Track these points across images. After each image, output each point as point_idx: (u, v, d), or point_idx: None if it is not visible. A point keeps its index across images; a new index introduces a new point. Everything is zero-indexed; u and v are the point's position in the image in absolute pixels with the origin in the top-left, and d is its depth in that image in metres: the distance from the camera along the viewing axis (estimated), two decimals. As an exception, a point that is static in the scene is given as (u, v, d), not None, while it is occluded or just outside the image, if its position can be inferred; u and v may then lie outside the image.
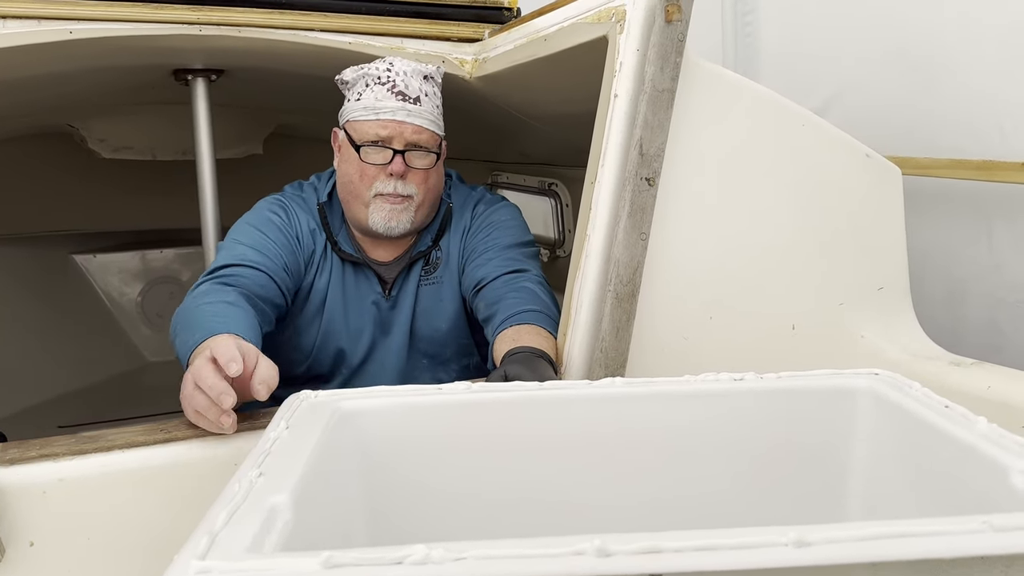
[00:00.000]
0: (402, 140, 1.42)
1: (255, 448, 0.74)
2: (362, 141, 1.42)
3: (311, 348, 1.53)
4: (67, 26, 1.50)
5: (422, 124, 1.43)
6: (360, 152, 1.42)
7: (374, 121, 1.41)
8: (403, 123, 1.41)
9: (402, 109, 1.41)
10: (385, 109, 1.41)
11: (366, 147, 1.42)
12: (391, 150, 1.41)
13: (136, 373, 2.98)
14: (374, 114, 1.41)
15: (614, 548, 0.52)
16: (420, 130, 1.43)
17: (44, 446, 0.93)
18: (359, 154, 1.42)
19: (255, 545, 0.56)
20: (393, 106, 1.41)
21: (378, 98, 1.42)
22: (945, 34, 1.84)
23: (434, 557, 0.51)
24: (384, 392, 0.89)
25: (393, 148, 1.42)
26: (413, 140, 1.42)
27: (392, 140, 1.42)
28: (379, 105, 1.41)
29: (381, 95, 1.42)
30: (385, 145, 1.42)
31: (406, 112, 1.41)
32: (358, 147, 1.42)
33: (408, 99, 1.42)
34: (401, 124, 1.41)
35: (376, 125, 1.41)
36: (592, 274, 1.17)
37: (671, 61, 1.17)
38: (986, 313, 1.81)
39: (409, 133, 1.42)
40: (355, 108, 1.44)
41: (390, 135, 1.41)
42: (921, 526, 0.53)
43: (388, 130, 1.41)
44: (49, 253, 2.95)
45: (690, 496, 0.89)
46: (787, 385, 0.89)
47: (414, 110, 1.42)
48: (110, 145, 2.60)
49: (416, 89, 1.43)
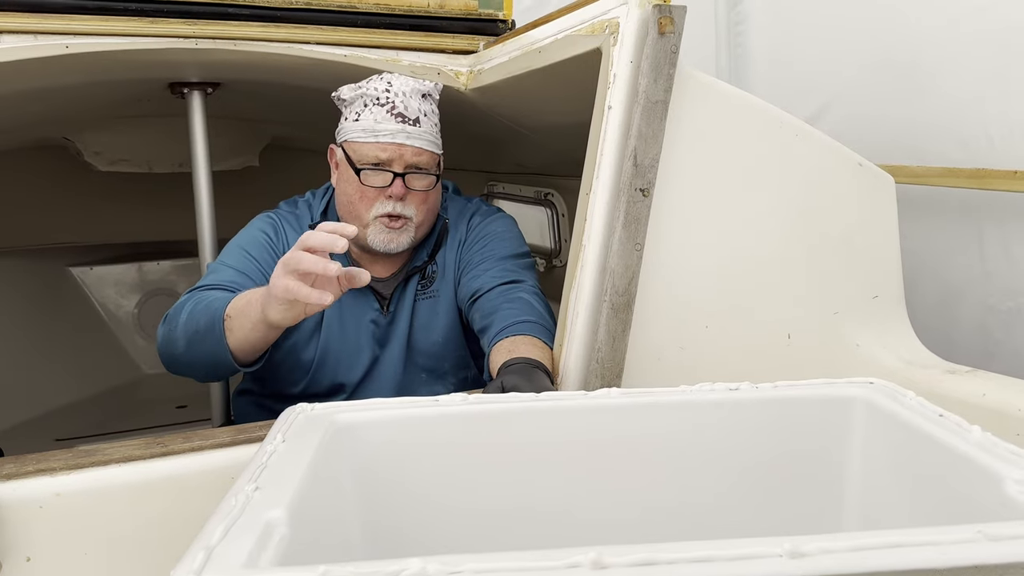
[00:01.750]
0: (402, 163, 1.41)
1: (251, 462, 0.74)
2: (362, 164, 1.42)
3: (309, 366, 1.53)
4: (63, 40, 1.51)
5: (422, 146, 1.42)
6: (360, 175, 1.42)
7: (374, 143, 1.41)
8: (403, 146, 1.41)
9: (402, 132, 1.41)
10: (385, 132, 1.40)
11: (366, 170, 1.42)
12: (391, 173, 1.41)
13: (133, 385, 2.98)
14: (373, 136, 1.41)
15: (610, 560, 0.52)
16: (420, 152, 1.42)
17: (41, 461, 0.93)
18: (359, 177, 1.42)
19: (251, 560, 0.56)
20: (393, 128, 1.40)
21: (377, 120, 1.41)
22: (934, 44, 1.85)
23: (430, 571, 0.51)
24: (380, 404, 0.89)
25: (393, 171, 1.41)
26: (413, 162, 1.42)
27: (392, 163, 1.41)
28: (379, 127, 1.41)
29: (380, 117, 1.41)
30: (385, 168, 1.41)
31: (406, 135, 1.41)
32: (358, 170, 1.42)
33: (408, 120, 1.41)
34: (401, 147, 1.41)
35: (376, 148, 1.41)
36: (588, 284, 1.17)
37: (664, 72, 1.18)
38: (978, 320, 1.82)
39: (409, 155, 1.42)
40: (354, 129, 1.43)
41: (390, 158, 1.41)
42: (916, 536, 0.54)
43: (388, 153, 1.41)
44: (45, 265, 2.95)
45: (686, 506, 0.89)
46: (783, 395, 0.90)
47: (414, 132, 1.42)
48: (106, 158, 2.60)
49: (415, 109, 1.43)
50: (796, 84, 2.26)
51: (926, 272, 1.89)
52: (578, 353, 1.17)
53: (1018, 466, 0.67)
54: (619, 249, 1.17)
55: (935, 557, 0.52)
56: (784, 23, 2.35)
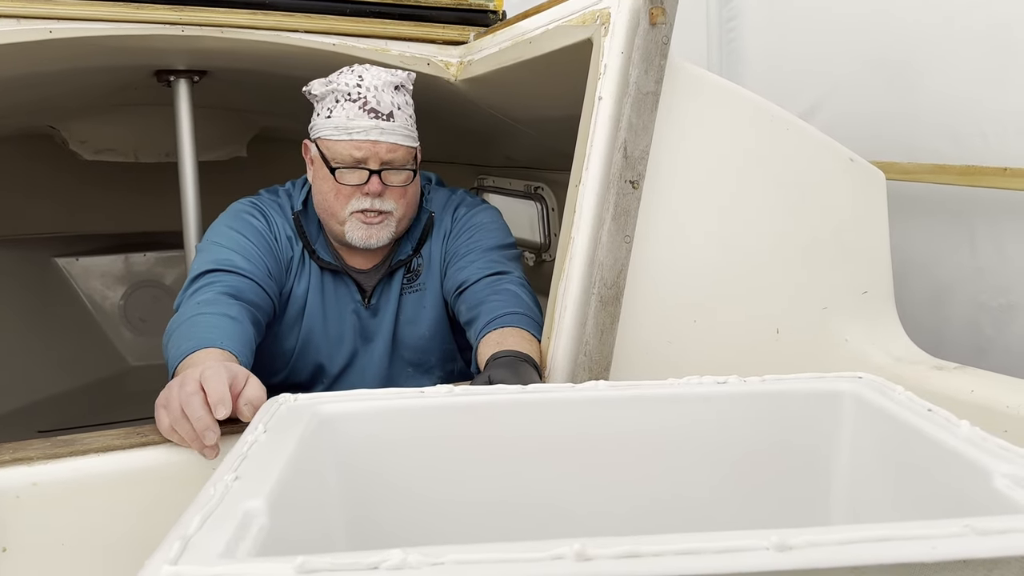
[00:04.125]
0: (377, 160, 1.39)
1: (231, 452, 0.73)
2: (336, 162, 1.39)
3: (290, 356, 1.52)
4: (47, 25, 1.49)
5: (397, 141, 1.39)
6: (335, 174, 1.39)
7: (348, 142, 1.38)
8: (377, 142, 1.38)
9: (375, 128, 1.37)
10: (358, 129, 1.37)
11: (341, 169, 1.39)
12: (367, 170, 1.39)
13: (118, 377, 2.95)
14: (347, 134, 1.37)
15: (594, 552, 0.51)
16: (395, 148, 1.39)
17: (17, 450, 0.92)
18: (334, 176, 1.39)
19: (229, 550, 0.55)
20: (366, 125, 1.37)
21: (350, 117, 1.37)
22: (926, 41, 1.85)
23: (411, 562, 0.50)
24: (364, 396, 0.88)
25: (369, 168, 1.39)
26: (388, 159, 1.39)
27: (367, 160, 1.38)
28: (351, 124, 1.37)
29: (353, 113, 1.37)
30: (360, 166, 1.39)
31: (379, 131, 1.38)
32: (332, 168, 1.39)
33: (381, 116, 1.38)
34: (375, 144, 1.38)
35: (350, 146, 1.38)
36: (576, 277, 1.16)
37: (655, 64, 1.17)
38: (969, 317, 1.82)
39: (384, 152, 1.39)
40: (326, 126, 1.40)
41: (365, 156, 1.38)
42: (904, 530, 0.53)
43: (362, 151, 1.38)
44: (31, 256, 2.92)
45: (673, 499, 0.88)
46: (771, 388, 0.89)
47: (387, 127, 1.38)
48: (92, 147, 2.58)
49: (388, 104, 1.39)
50: (788, 81, 2.26)
51: (917, 269, 1.89)
52: (566, 346, 1.16)
53: (1007, 461, 0.67)
54: (608, 241, 1.16)
55: (923, 551, 0.52)
56: (776, 20, 2.35)
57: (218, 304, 1.27)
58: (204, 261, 1.37)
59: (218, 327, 1.20)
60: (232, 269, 1.35)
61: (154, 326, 3.02)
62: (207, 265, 1.36)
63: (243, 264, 1.37)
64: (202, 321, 1.22)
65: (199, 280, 1.34)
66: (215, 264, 1.36)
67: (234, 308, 1.28)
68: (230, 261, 1.37)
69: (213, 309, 1.25)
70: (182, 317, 1.25)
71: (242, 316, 1.27)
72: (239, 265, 1.36)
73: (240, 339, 1.21)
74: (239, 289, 1.33)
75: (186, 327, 1.21)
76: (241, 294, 1.32)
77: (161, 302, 3.04)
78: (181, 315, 1.26)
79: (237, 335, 1.21)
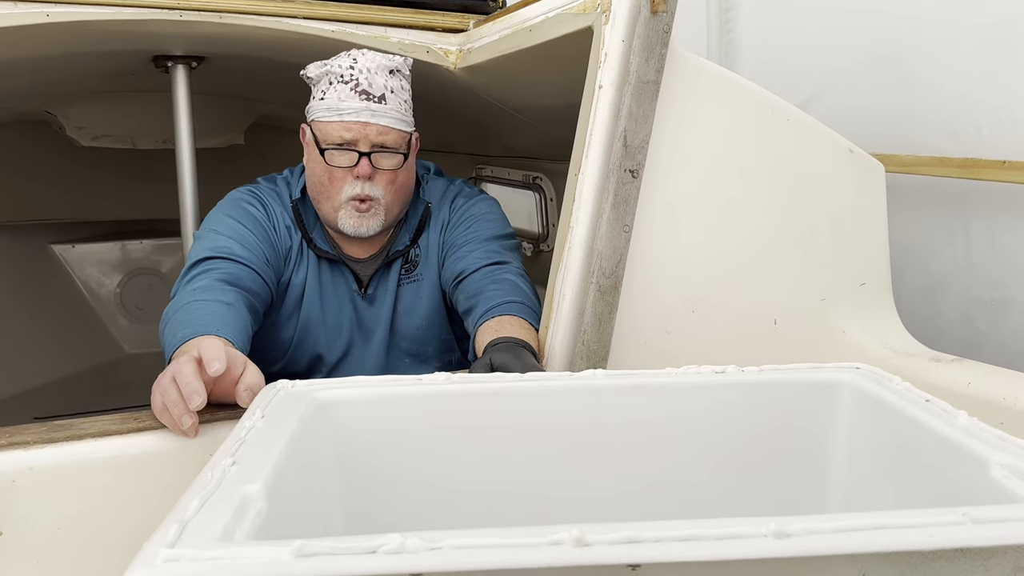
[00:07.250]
0: (367, 142, 1.38)
1: (229, 437, 0.73)
2: (327, 143, 1.38)
3: (288, 345, 1.51)
4: (44, 8, 1.47)
5: (388, 124, 1.38)
6: (325, 156, 1.39)
7: (338, 123, 1.37)
8: (367, 124, 1.37)
9: (366, 109, 1.37)
10: (349, 110, 1.37)
11: (331, 150, 1.38)
12: (356, 152, 1.38)
13: (114, 365, 2.95)
14: (338, 115, 1.37)
15: (592, 538, 0.51)
16: (386, 130, 1.39)
17: (14, 434, 0.91)
18: (324, 157, 1.39)
19: (226, 534, 0.55)
20: (357, 106, 1.37)
21: (341, 98, 1.37)
22: (923, 35, 1.85)
23: (409, 546, 0.50)
24: (362, 382, 0.88)
25: (358, 151, 1.38)
26: (379, 141, 1.38)
27: (357, 142, 1.38)
28: (342, 106, 1.37)
29: (344, 94, 1.37)
30: (350, 147, 1.38)
31: (370, 112, 1.37)
32: (323, 150, 1.39)
33: (372, 98, 1.37)
34: (366, 125, 1.37)
35: (340, 127, 1.37)
36: (575, 266, 1.16)
37: (656, 52, 1.17)
38: (963, 310, 1.82)
39: (374, 134, 1.38)
40: (319, 108, 1.40)
41: (355, 137, 1.37)
42: (901, 518, 0.53)
43: (352, 132, 1.37)
44: (27, 243, 2.91)
45: (671, 488, 0.89)
46: (768, 378, 0.89)
47: (379, 109, 1.38)
48: (89, 133, 2.57)
49: (381, 86, 1.38)
50: (785, 74, 2.25)
51: (912, 261, 1.89)
52: (564, 335, 1.16)
53: (1004, 451, 0.67)
54: (607, 230, 1.16)
55: (920, 539, 0.52)
56: (774, 13, 2.34)
57: (214, 291, 1.27)
58: (201, 249, 1.37)
59: (214, 314, 1.20)
60: (229, 257, 1.35)
61: (150, 314, 3.02)
62: (204, 253, 1.35)
63: (240, 252, 1.36)
64: (198, 308, 1.21)
65: (196, 268, 1.33)
66: (212, 252, 1.35)
67: (230, 295, 1.27)
68: (227, 249, 1.36)
69: (209, 296, 1.25)
70: (178, 304, 1.25)
71: (238, 303, 1.26)
72: (236, 253, 1.36)
73: (236, 326, 1.21)
74: (236, 276, 1.32)
75: (182, 314, 1.21)
76: (238, 281, 1.32)
77: (158, 290, 3.04)
78: (177, 302, 1.26)
79: (233, 322, 1.21)
